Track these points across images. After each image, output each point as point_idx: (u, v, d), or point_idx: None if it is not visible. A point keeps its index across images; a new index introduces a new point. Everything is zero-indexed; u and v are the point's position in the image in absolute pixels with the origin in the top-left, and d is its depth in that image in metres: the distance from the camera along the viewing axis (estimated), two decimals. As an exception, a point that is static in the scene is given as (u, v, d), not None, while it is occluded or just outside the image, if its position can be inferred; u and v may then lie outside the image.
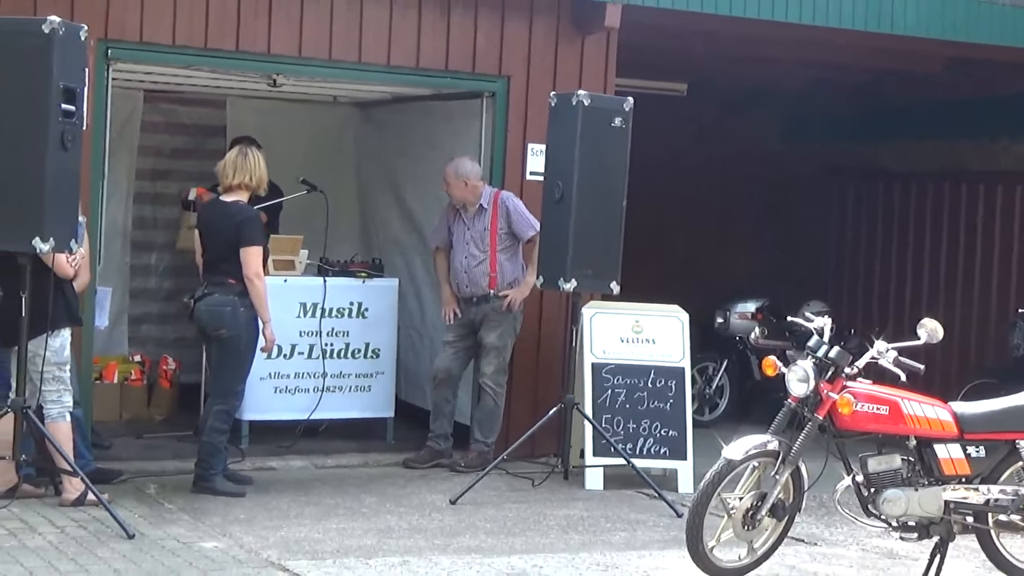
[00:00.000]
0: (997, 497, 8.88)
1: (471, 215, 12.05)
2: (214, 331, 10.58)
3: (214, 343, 10.68)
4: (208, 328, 10.62)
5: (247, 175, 10.65)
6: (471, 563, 8.99)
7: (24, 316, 9.45)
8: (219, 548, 9.07)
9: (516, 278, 12.08)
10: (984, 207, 16.07)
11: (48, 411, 9.86)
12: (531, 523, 10.26)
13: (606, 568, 9.08)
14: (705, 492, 8.75)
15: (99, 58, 10.83)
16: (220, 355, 10.69)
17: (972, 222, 16.14)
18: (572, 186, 11.18)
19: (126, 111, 13.48)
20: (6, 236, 9.24)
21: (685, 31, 13.28)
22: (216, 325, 10.56)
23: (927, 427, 8.83)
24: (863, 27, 13.16)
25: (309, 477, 11.54)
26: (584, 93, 11.28)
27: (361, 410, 12.76)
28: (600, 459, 11.59)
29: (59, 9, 10.05)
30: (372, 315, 12.67)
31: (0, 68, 9.14)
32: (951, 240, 16.42)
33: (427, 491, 11.15)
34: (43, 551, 8.72)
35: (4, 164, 9.16)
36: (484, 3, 12.19)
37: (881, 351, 8.94)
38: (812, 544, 9.97)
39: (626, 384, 11.89)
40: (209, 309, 10.58)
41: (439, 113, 13.54)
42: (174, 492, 10.58)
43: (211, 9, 11.25)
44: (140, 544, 9.00)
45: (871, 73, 15.65)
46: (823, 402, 8.75)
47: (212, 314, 10.57)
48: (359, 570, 8.68)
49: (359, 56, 11.90)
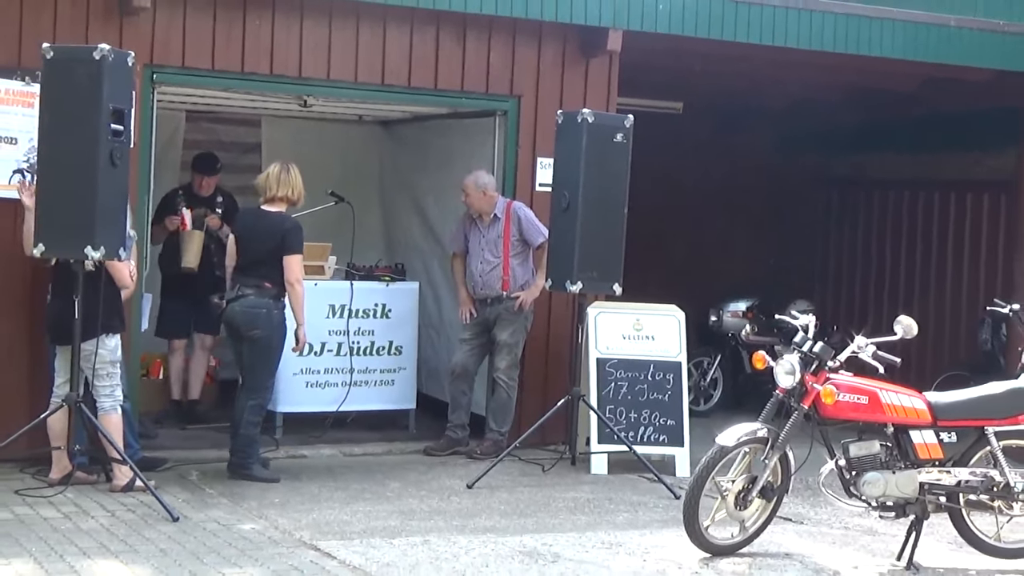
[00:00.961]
0: (967, 479, 8.91)
1: (486, 224, 12.08)
2: (248, 331, 10.57)
3: (246, 342, 10.65)
4: (242, 328, 10.60)
5: (290, 188, 10.68)
6: (487, 542, 9.00)
7: (77, 319, 9.53)
8: (256, 529, 9.09)
9: (527, 281, 12.10)
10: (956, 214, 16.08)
11: (101, 404, 9.90)
12: (541, 505, 10.28)
13: (611, 546, 9.09)
14: (701, 476, 8.79)
15: (145, 82, 10.84)
16: (252, 353, 10.66)
17: (946, 228, 16.16)
18: (578, 196, 11.19)
19: (169, 130, 13.49)
20: (62, 244, 9.33)
21: (681, 54, 13.30)
22: (251, 325, 10.56)
23: (903, 415, 8.86)
24: (844, 50, 13.17)
25: (338, 464, 11.56)
26: (588, 111, 11.30)
27: (385, 402, 12.76)
28: (604, 446, 11.61)
29: (109, 38, 10.13)
30: (395, 315, 12.69)
31: (57, 92, 9.23)
32: (926, 244, 16.41)
33: (446, 476, 11.16)
34: (95, 533, 8.76)
35: (60, 179, 9.24)
36: (497, 29, 12.21)
37: (861, 346, 8.98)
38: (799, 523, 9.99)
39: (628, 377, 11.90)
40: (244, 310, 10.58)
41: (456, 130, 13.54)
42: (214, 478, 10.60)
43: (247, 36, 11.28)
44: (184, 526, 9.03)
45: (854, 91, 15.65)
46: (808, 393, 8.80)
47: (248, 315, 10.57)
48: (384, 549, 8.70)
49: (382, 78, 11.91)
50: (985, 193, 15.66)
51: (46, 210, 9.30)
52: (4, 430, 9.82)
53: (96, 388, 9.89)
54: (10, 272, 10.54)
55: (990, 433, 8.96)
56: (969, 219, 15.89)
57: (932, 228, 16.38)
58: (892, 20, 13.36)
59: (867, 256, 17.15)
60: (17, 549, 8.30)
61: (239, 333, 10.67)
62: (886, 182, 16.90)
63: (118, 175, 9.30)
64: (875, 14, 13.38)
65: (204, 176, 12.67)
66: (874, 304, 16.74)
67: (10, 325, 10.63)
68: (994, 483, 8.92)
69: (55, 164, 9.25)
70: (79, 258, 9.31)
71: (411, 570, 8.24)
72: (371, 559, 8.43)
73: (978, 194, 15.78)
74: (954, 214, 16.13)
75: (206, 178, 12.66)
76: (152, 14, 10.84)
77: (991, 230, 15.55)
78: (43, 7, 10.59)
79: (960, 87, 14.62)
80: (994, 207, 15.53)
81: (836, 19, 13.13)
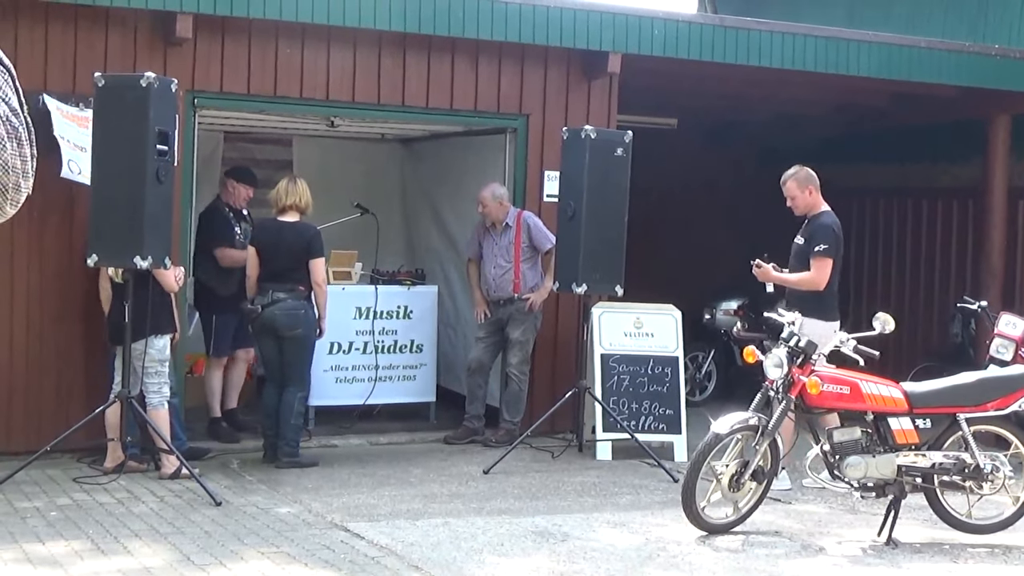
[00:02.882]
0: (941, 461, 8.90)
1: (498, 232, 12.09)
2: (290, 331, 10.61)
3: (287, 342, 10.67)
4: (284, 329, 10.62)
5: (297, 197, 10.78)
6: (502, 523, 9.02)
7: (127, 322, 9.57)
8: (292, 512, 9.12)
9: (536, 284, 12.10)
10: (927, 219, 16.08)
11: (150, 400, 9.94)
12: (551, 489, 10.28)
13: (615, 525, 9.11)
14: (697, 461, 8.81)
15: (187, 106, 10.86)
16: (294, 351, 10.69)
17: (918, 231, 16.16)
18: (582, 206, 11.19)
19: (209, 149, 13.49)
20: (113, 254, 9.36)
21: (675, 75, 13.31)
22: (293, 325, 10.61)
23: (882, 404, 8.86)
24: (824, 69, 13.17)
25: (365, 453, 11.57)
26: (591, 128, 11.30)
27: (408, 396, 12.76)
28: (608, 434, 11.60)
29: (154, 66, 10.19)
30: (416, 316, 12.68)
31: (108, 115, 9.27)
32: (900, 247, 16.41)
33: (464, 463, 11.17)
34: (146, 516, 8.80)
35: (111, 195, 9.27)
36: (507, 54, 12.21)
37: (842, 340, 8.99)
38: (787, 503, 9.98)
39: (630, 371, 11.90)
40: (286, 313, 10.61)
41: (470, 147, 13.55)
42: (253, 466, 10.64)
43: (279, 64, 11.29)
44: (226, 510, 9.07)
45: (832, 106, 15.66)
46: (795, 384, 8.81)
47: (290, 316, 10.61)
48: (408, 530, 8.71)
49: (403, 100, 11.92)
50: (953, 200, 15.65)
51: (98, 223, 9.34)
52: (64, 424, 9.87)
53: (146, 385, 9.92)
54: (71, 283, 10.60)
55: (962, 419, 8.95)
56: (939, 224, 15.89)
57: (906, 233, 16.39)
58: (868, 43, 13.36)
59: (846, 258, 17.09)
60: (76, 531, 8.35)
61: (279, 334, 10.68)
62: (862, 190, 16.88)
63: (163, 191, 9.33)
64: (852, 36, 13.39)
65: (245, 186, 11.99)
66: (854, 301, 16.71)
67: (70, 329, 10.67)
68: (966, 465, 8.91)
69: (106, 181, 9.28)
70: (128, 267, 9.34)
71: (433, 549, 8.25)
72: (396, 539, 8.44)
73: (947, 201, 15.78)
74: (925, 220, 16.14)
75: (245, 188, 12.00)
76: (193, 44, 10.86)
77: (959, 234, 15.55)
78: (95, 39, 10.62)
79: (928, 102, 14.63)
80: (961, 213, 15.52)
81: (816, 42, 13.13)
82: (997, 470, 8.93)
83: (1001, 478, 8.95)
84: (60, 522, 8.59)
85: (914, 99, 14.66)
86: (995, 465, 8.94)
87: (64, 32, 10.55)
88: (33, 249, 10.51)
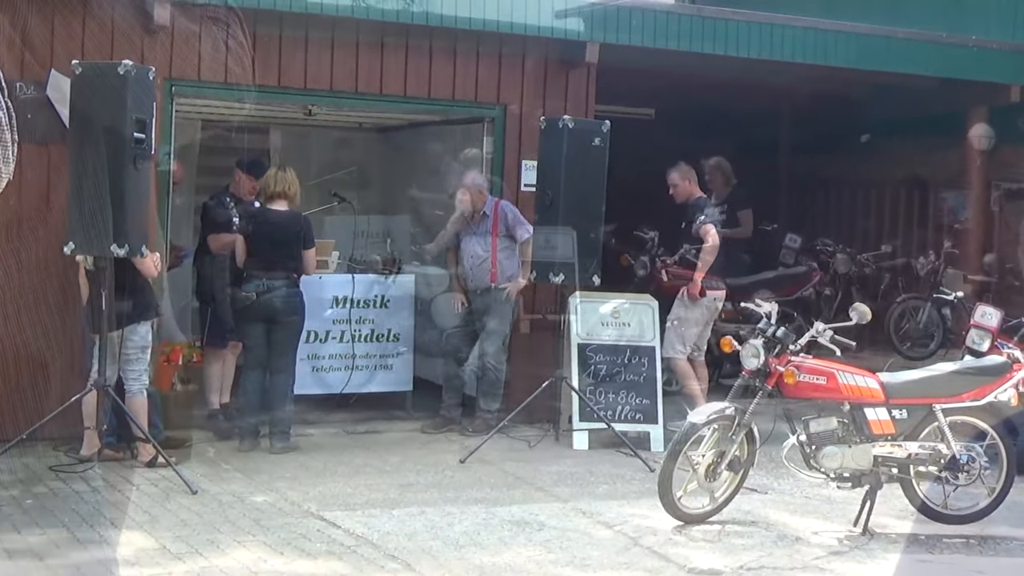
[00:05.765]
0: (917, 452, 8.95)
1: (476, 221, 12.08)
2: (288, 317, 10.82)
3: (281, 327, 10.83)
4: (281, 315, 10.79)
5: (286, 185, 10.89)
6: (478, 512, 9.04)
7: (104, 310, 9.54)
8: (267, 501, 9.13)
9: (513, 273, 12.08)
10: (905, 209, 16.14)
11: (128, 387, 9.93)
12: (528, 478, 10.28)
13: (591, 515, 9.12)
14: (674, 451, 8.84)
15: (165, 94, 10.85)
16: (287, 337, 10.89)
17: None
18: (559, 195, 11.21)
19: (187, 137, 13.47)
20: (89, 243, 9.31)
21: (652, 65, 13.33)
22: (291, 312, 10.82)
23: (859, 394, 8.91)
24: (803, 60, 13.22)
25: (342, 442, 11.55)
26: (568, 118, 11.33)
27: (384, 385, 12.70)
28: (585, 424, 11.60)
29: (132, 54, 10.16)
30: (393, 305, 12.63)
31: (85, 103, 9.23)
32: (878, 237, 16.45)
33: (441, 452, 11.16)
34: (122, 504, 8.80)
35: (88, 183, 9.23)
36: (484, 43, 12.21)
37: (819, 331, 9.02)
38: (764, 493, 9.98)
39: (607, 361, 11.91)
40: (284, 299, 10.79)
41: (447, 136, 13.56)
42: (230, 454, 10.63)
43: (257, 52, 11.27)
44: (202, 499, 9.07)
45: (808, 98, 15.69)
46: (772, 374, 8.84)
47: (288, 303, 10.80)
48: (384, 519, 8.73)
49: (380, 88, 11.92)
50: (931, 191, 15.70)
51: (75, 211, 9.30)
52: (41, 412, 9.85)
53: (125, 372, 9.91)
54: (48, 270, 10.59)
55: (937, 410, 9.00)
56: (917, 214, 15.94)
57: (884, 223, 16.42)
58: (846, 33, 13.40)
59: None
60: (51, 520, 8.34)
61: (275, 320, 10.82)
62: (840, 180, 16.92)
63: (140, 179, 9.31)
64: (830, 27, 13.43)
65: (250, 178, 11.77)
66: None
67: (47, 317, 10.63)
68: (941, 456, 8.96)
69: (83, 169, 9.24)
70: (106, 255, 9.31)
71: (409, 538, 8.27)
72: (372, 528, 8.46)
73: (924, 192, 15.83)
74: (903, 210, 16.18)
75: (250, 180, 11.75)
76: (171, 32, 10.85)
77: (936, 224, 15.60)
78: (72, 27, 10.59)
79: (909, 94, 14.68)
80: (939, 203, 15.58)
81: (795, 32, 13.17)
82: (973, 461, 8.99)
83: (977, 469, 9.00)
84: (36, 511, 8.57)
85: (893, 90, 14.71)
86: (971, 456, 8.99)
87: (42, 20, 10.49)
88: (11, 236, 10.46)
